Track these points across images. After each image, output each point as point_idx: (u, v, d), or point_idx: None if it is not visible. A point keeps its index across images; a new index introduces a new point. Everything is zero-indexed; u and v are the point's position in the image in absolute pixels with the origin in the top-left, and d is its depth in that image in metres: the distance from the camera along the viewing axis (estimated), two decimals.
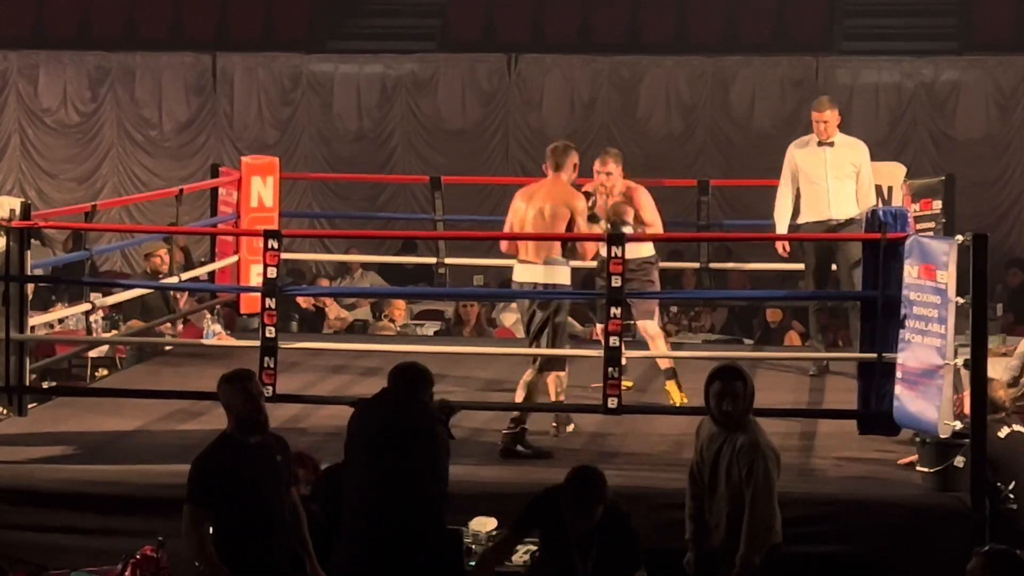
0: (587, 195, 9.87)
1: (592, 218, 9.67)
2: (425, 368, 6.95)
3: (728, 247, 15.54)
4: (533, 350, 9.10)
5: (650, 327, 10.02)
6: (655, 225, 10.11)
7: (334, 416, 9.57)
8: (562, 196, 9.14)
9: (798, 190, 10.94)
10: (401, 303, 14.24)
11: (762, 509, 6.77)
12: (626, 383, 9.94)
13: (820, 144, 10.86)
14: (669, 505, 7.83)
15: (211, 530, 6.37)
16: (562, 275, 9.14)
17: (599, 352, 8.46)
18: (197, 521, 6.26)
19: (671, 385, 9.91)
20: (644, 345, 10.14)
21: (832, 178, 10.86)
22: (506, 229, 9.34)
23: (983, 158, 17.72)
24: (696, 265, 12.38)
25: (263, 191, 12.16)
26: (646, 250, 10.07)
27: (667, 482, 8.12)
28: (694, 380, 10.78)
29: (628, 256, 9.32)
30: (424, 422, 6.72)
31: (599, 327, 9.45)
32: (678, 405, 9.72)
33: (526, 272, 9.10)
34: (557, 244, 9.07)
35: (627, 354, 8.80)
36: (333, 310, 14.41)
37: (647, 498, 7.91)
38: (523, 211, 9.20)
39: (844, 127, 18.10)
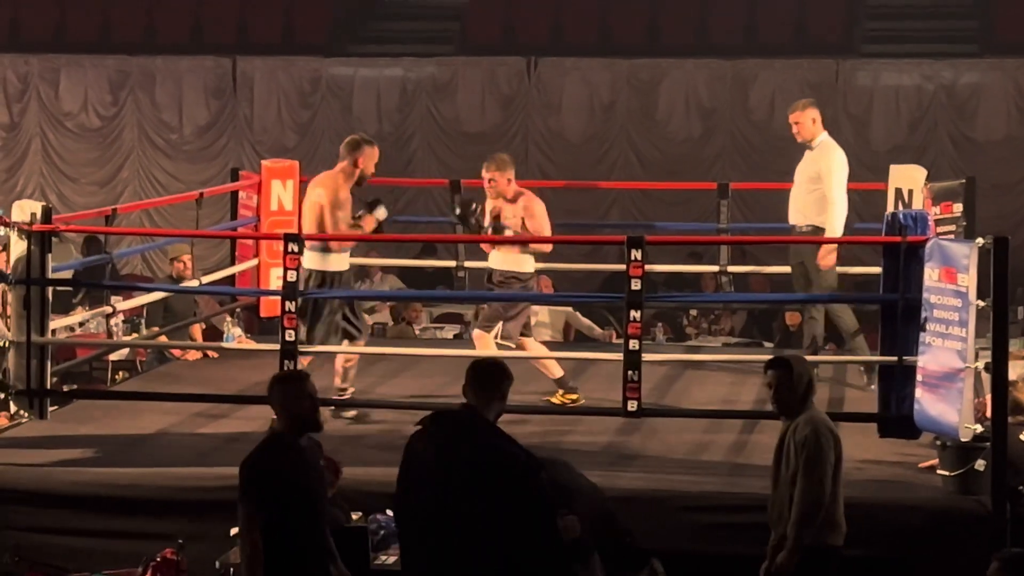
0: (470, 202, 9.98)
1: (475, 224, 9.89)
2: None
3: (743, 250, 15.52)
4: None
5: (477, 337, 9.96)
6: (540, 234, 10.00)
7: (353, 421, 9.62)
8: (328, 188, 9.51)
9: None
10: (419, 306, 14.25)
11: (810, 482, 6.67)
12: (571, 396, 9.98)
13: (806, 147, 10.84)
14: (690, 508, 7.84)
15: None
16: (335, 263, 9.46)
17: (618, 356, 8.44)
18: (253, 523, 6.23)
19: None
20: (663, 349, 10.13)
21: (798, 183, 10.92)
22: None
23: (1004, 160, 17.65)
24: (715, 268, 12.36)
25: (283, 195, 12.19)
26: (525, 265, 10.02)
27: (688, 485, 8.12)
28: (714, 383, 10.82)
29: (500, 267, 9.76)
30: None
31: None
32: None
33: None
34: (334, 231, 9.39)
35: (646, 358, 8.76)
36: None
37: (668, 501, 7.91)
38: (304, 201, 9.67)
39: (864, 129, 18.26)
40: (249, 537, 6.21)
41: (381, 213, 9.73)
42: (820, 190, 10.65)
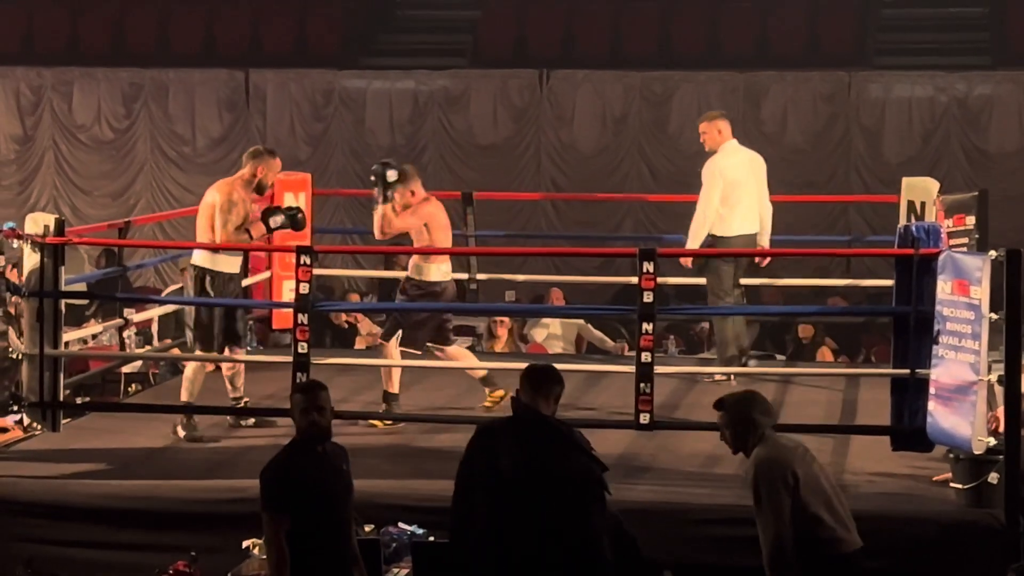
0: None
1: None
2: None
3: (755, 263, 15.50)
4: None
5: (383, 347, 10.03)
6: (437, 245, 10.04)
7: (365, 432, 9.62)
8: (221, 192, 9.64)
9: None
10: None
11: (763, 525, 6.49)
12: (498, 394, 10.00)
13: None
14: (702, 521, 7.83)
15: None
16: (222, 263, 9.60)
17: (631, 368, 8.44)
18: (277, 528, 6.25)
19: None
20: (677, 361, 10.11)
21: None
22: None
23: (1017, 173, 17.63)
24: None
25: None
26: (427, 273, 10.03)
27: (699, 497, 8.11)
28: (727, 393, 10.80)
29: (410, 274, 9.95)
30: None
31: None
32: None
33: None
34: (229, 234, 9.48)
35: (659, 370, 8.75)
36: (365, 325, 14.43)
37: (680, 513, 7.90)
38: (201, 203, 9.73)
39: (876, 142, 18.25)
40: (275, 544, 6.23)
41: (275, 222, 9.80)
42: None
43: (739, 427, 6.66)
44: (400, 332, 9.94)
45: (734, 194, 11.09)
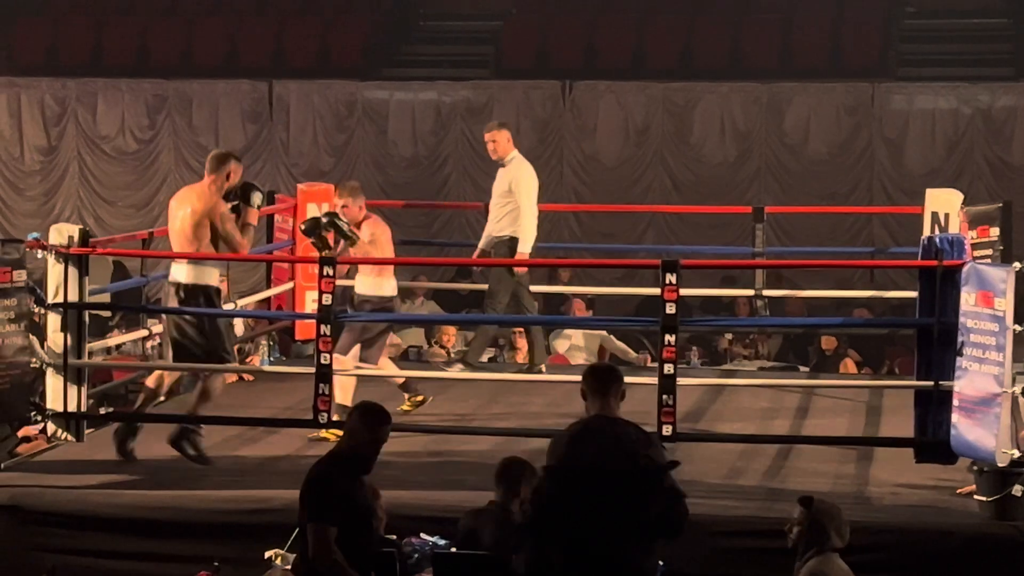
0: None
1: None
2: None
3: (779, 274, 15.50)
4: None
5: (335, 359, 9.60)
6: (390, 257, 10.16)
7: (387, 443, 9.60)
8: (202, 199, 9.23)
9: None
10: (452, 329, 14.26)
11: None
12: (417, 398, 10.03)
13: (498, 166, 11.49)
14: (724, 533, 7.81)
15: None
16: (209, 276, 9.33)
17: (653, 380, 8.43)
18: (328, 539, 6.27)
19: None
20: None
21: (494, 198, 11.60)
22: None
23: None
24: (751, 292, 12.34)
25: None
26: (382, 289, 10.07)
27: (723, 509, 8.09)
28: (749, 407, 10.80)
29: (364, 291, 9.91)
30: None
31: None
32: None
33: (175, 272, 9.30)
34: (205, 246, 9.22)
35: (682, 382, 8.74)
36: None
37: (703, 525, 7.86)
38: (174, 216, 9.35)
39: (899, 153, 18.23)
40: (329, 553, 6.26)
41: (256, 199, 9.55)
42: (513, 203, 11.38)
43: (811, 532, 6.64)
44: (358, 347, 9.91)
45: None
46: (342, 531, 6.28)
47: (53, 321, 8.89)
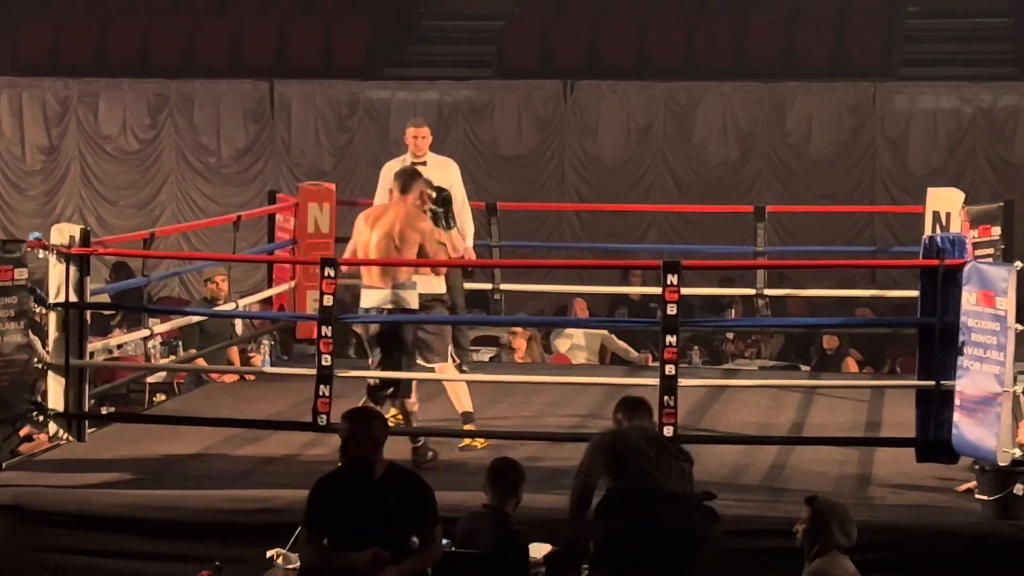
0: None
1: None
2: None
3: (781, 273, 15.50)
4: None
5: (447, 368, 9.62)
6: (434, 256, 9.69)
7: (387, 445, 9.60)
8: (409, 219, 9.09)
9: None
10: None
11: None
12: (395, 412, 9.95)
13: (414, 163, 10.43)
14: (728, 533, 7.79)
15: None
16: (411, 299, 9.13)
17: (654, 380, 8.43)
18: (301, 541, 6.32)
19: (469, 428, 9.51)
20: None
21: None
22: (348, 254, 9.28)
23: None
24: (752, 292, 12.33)
25: (320, 217, 12.21)
26: (439, 286, 9.67)
27: (725, 509, 8.06)
28: (751, 406, 10.79)
29: (431, 291, 9.42)
30: None
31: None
32: (479, 448, 9.38)
33: (372, 297, 9.08)
34: (405, 269, 9.07)
35: (684, 382, 8.73)
36: None
37: None
38: (367, 235, 9.15)
39: (901, 153, 18.24)
40: (302, 553, 6.30)
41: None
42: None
43: (815, 530, 6.63)
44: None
45: None
46: (341, 543, 6.26)
47: (54, 321, 8.90)
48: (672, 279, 8.32)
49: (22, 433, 9.62)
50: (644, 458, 6.97)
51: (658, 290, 8.52)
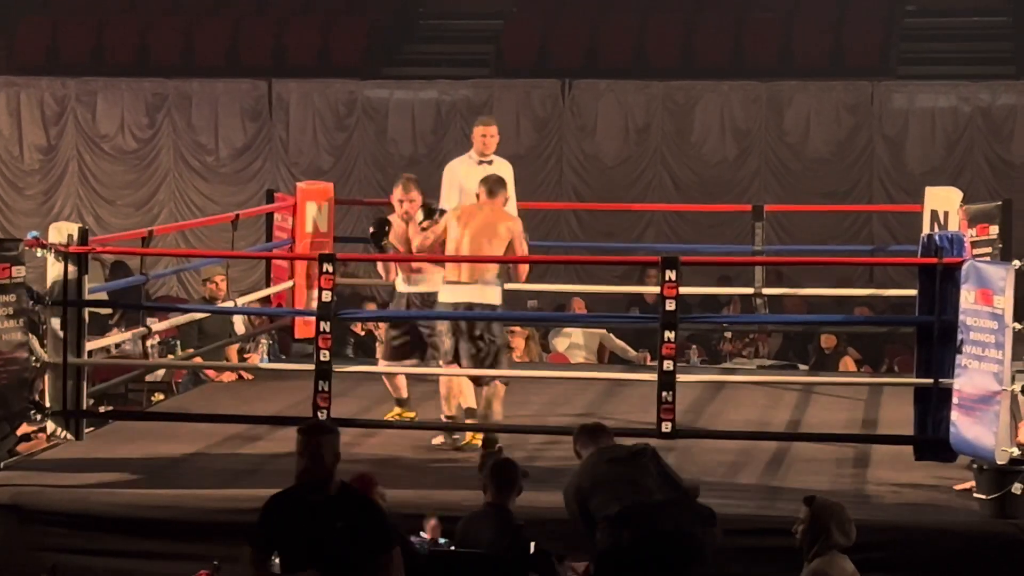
0: (384, 222, 9.91)
1: (387, 247, 9.86)
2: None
3: (779, 272, 15.50)
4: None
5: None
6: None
7: (388, 441, 9.62)
8: (501, 218, 9.39)
9: None
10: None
11: None
12: (408, 413, 9.96)
13: (481, 161, 10.43)
14: (725, 531, 7.78)
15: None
16: (494, 295, 9.33)
17: (652, 376, 8.43)
18: (244, 561, 6.23)
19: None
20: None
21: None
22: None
23: None
24: (750, 291, 12.34)
25: (318, 216, 12.20)
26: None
27: (722, 507, 8.06)
28: (749, 404, 10.80)
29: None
30: None
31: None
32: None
33: (456, 293, 9.28)
34: (492, 266, 9.28)
35: (682, 378, 8.72)
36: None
37: None
38: (459, 232, 9.37)
39: (900, 151, 18.26)
40: (246, 571, 6.17)
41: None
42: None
43: (813, 530, 6.56)
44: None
45: None
46: (290, 564, 6.13)
47: (53, 320, 8.90)
48: (670, 275, 8.33)
49: (19, 432, 9.62)
50: (616, 481, 6.92)
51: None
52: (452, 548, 7.08)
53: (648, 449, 7.10)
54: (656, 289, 9.61)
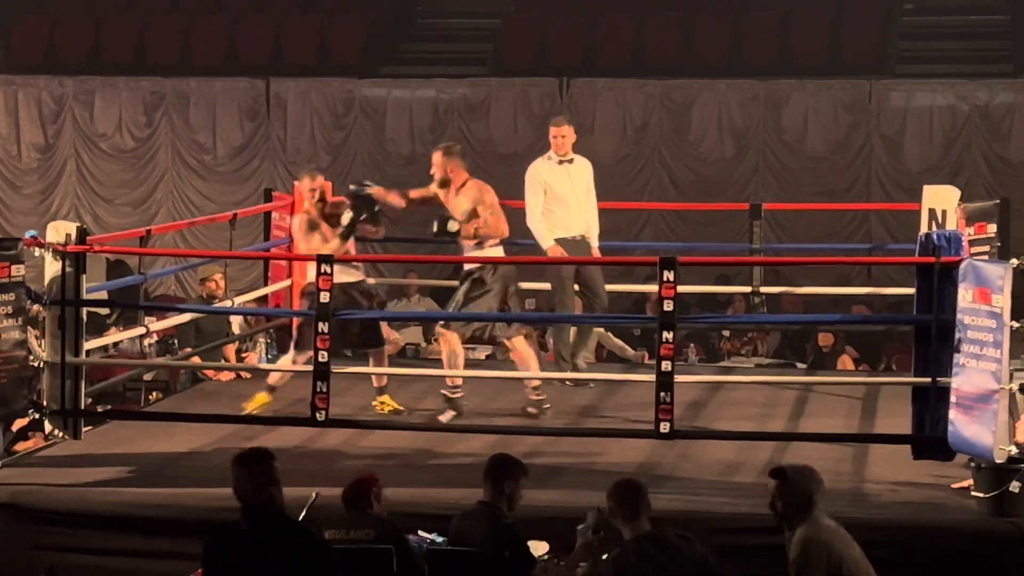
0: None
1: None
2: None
3: (776, 271, 15.49)
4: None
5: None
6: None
7: (386, 441, 9.61)
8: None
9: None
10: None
11: None
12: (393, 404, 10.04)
13: (562, 160, 11.12)
14: (723, 530, 7.80)
15: None
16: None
17: (650, 376, 8.43)
18: None
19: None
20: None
21: (581, 195, 11.45)
22: None
23: None
24: (747, 289, 12.34)
25: None
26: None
27: (720, 506, 8.09)
28: (747, 404, 10.80)
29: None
30: None
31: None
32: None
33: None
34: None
35: (680, 379, 8.73)
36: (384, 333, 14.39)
37: (701, 523, 7.87)
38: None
39: (898, 150, 18.27)
40: None
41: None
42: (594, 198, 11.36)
43: (794, 502, 6.47)
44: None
45: None
46: None
47: (51, 319, 8.89)
48: (668, 275, 8.33)
49: (14, 428, 9.63)
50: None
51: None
52: (448, 547, 7.09)
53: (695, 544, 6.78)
54: (649, 288, 9.69)
